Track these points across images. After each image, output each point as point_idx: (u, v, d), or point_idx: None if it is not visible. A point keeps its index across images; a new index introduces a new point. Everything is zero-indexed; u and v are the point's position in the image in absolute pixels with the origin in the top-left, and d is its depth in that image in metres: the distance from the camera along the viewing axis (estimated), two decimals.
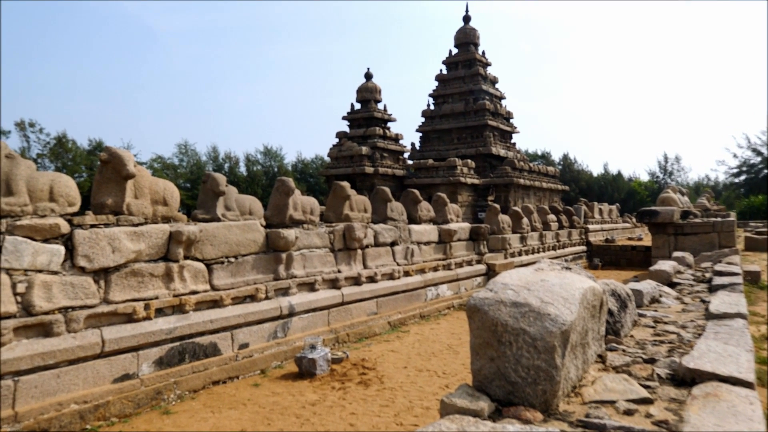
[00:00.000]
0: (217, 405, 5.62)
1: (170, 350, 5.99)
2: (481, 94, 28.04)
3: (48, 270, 5.12)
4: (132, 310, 5.69)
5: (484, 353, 2.29)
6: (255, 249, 7.31)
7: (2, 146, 5.07)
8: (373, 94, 28.19)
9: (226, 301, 6.73)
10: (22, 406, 4.72)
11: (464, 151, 27.10)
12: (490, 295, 2.37)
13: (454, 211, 12.91)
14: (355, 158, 25.67)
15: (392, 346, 8.13)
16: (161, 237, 6.13)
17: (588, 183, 58.11)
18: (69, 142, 43.48)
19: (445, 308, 11.09)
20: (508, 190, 25.12)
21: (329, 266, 8.56)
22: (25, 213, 5.09)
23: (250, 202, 7.84)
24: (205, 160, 52.57)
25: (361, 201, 9.96)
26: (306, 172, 56.84)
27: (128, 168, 5.79)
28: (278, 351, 7.16)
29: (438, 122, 28.86)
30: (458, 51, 29.70)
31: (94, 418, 5.09)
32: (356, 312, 8.88)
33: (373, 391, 5.97)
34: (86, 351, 5.21)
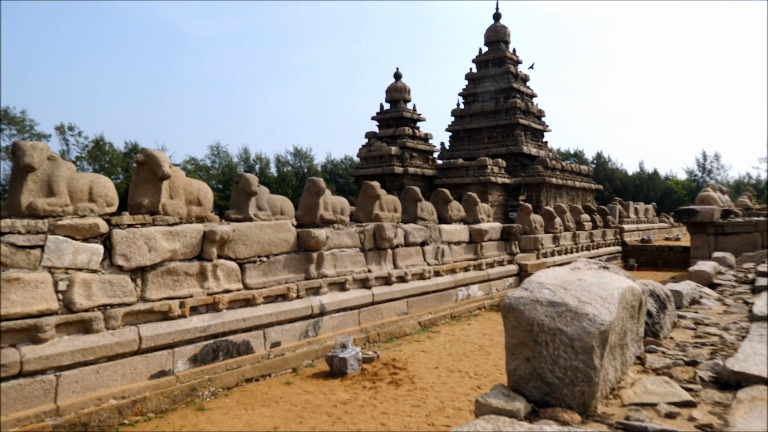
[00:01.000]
0: (250, 402, 5.68)
1: (204, 348, 6.09)
2: (511, 93, 27.73)
3: (88, 268, 5.26)
4: (168, 308, 5.80)
5: (520, 353, 2.25)
6: (286, 248, 7.38)
7: (44, 148, 5.24)
8: (402, 93, 28.15)
9: (259, 300, 6.81)
10: (64, 400, 4.87)
11: (495, 150, 26.83)
12: (526, 294, 2.33)
13: (485, 210, 12.80)
14: (385, 158, 25.68)
15: (423, 346, 8.09)
16: (195, 236, 6.24)
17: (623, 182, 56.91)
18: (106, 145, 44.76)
19: (476, 309, 11.00)
20: (539, 189, 24.77)
21: (359, 266, 8.58)
22: (66, 213, 5.24)
23: (282, 202, 7.92)
24: (237, 161, 53.42)
25: (391, 201, 9.95)
26: (335, 172, 57.17)
27: (164, 169, 5.91)
28: (309, 350, 7.21)
29: (468, 121, 28.65)
30: (488, 49, 29.43)
31: (132, 413, 5.21)
32: (387, 312, 8.88)
33: (404, 391, 5.95)
34: (124, 348, 5.34)
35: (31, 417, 4.59)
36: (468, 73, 29.44)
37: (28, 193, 5.09)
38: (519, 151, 26.20)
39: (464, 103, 29.45)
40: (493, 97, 28.13)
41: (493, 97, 28.15)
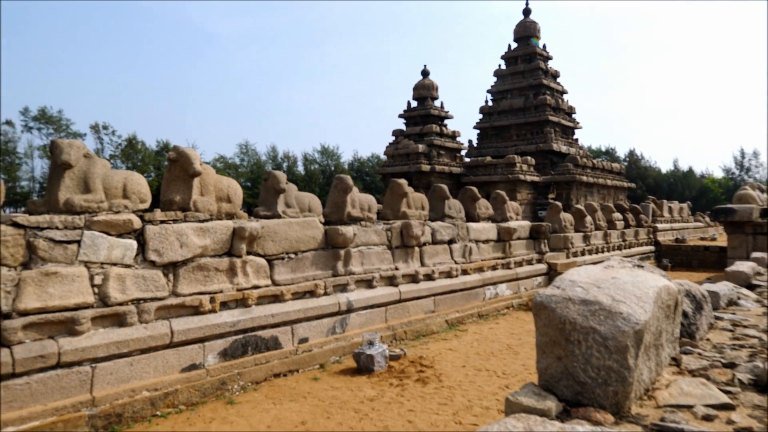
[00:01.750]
0: (279, 397, 5.74)
1: (234, 342, 6.17)
2: (541, 89, 27.36)
3: (122, 263, 5.39)
4: (198, 303, 5.90)
5: (551, 352, 2.21)
6: (314, 245, 7.43)
7: (81, 146, 5.38)
8: (429, 91, 28.04)
9: (287, 296, 6.87)
10: (99, 391, 5.00)
11: (524, 147, 26.52)
12: (557, 292, 2.29)
13: (514, 209, 12.66)
14: (412, 156, 25.63)
15: (450, 344, 8.06)
16: (225, 233, 6.32)
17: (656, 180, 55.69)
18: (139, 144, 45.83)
19: (504, 308, 10.90)
20: (570, 187, 24.40)
21: (387, 263, 8.59)
22: (101, 209, 5.37)
23: (310, 199, 7.97)
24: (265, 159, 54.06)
25: (419, 198, 9.92)
26: (362, 170, 57.35)
27: (195, 166, 6.01)
28: (336, 346, 7.24)
29: (496, 119, 28.38)
30: (518, 45, 29.09)
31: (164, 405, 5.32)
32: (413, 309, 8.86)
33: (431, 389, 5.94)
34: (157, 341, 5.45)
35: (68, 406, 4.72)
36: (497, 70, 29.16)
37: (66, 190, 5.23)
38: (549, 148, 25.85)
39: (493, 100, 29.18)
40: (523, 94, 27.80)
41: (523, 93, 27.82)
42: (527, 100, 27.19)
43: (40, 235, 4.85)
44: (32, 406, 4.58)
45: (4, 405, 4.43)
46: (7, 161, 41.07)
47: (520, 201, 22.91)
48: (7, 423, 4.37)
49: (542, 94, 27.06)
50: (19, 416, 4.44)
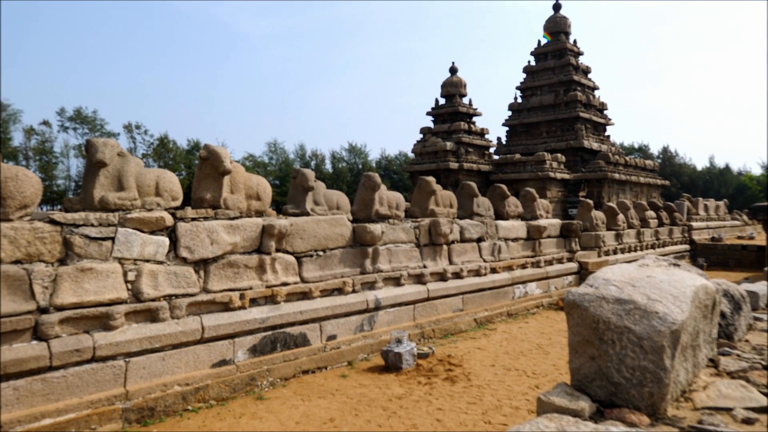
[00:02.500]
0: (307, 393, 5.78)
1: (263, 339, 6.23)
2: (572, 85, 26.91)
3: (154, 260, 5.49)
4: (228, 300, 5.98)
5: (584, 351, 2.16)
6: (342, 243, 7.45)
7: (115, 145, 5.49)
8: (457, 88, 27.86)
9: (315, 293, 6.90)
10: (132, 385, 5.10)
11: (553, 145, 26.13)
12: (591, 290, 2.24)
13: (544, 206, 12.48)
14: (440, 154, 25.50)
15: (479, 343, 7.99)
16: (255, 230, 6.39)
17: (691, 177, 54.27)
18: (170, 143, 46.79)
19: (533, 307, 10.75)
20: (601, 185, 23.94)
21: (414, 261, 8.56)
22: (134, 207, 5.48)
23: (338, 197, 7.99)
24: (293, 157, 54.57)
25: (447, 196, 9.86)
26: (390, 168, 57.38)
27: (225, 164, 6.09)
28: (364, 344, 7.25)
29: (525, 115, 28.02)
30: (548, 41, 28.65)
31: (195, 399, 5.40)
32: (441, 308, 8.81)
33: (459, 388, 5.89)
34: (188, 336, 5.54)
35: (102, 400, 4.84)
36: (526, 66, 28.79)
37: (100, 188, 5.36)
38: (579, 145, 25.41)
39: (522, 96, 28.82)
40: (553, 90, 27.38)
41: (553, 90, 27.40)
42: (557, 96, 26.77)
43: (76, 232, 4.98)
44: (68, 398, 4.70)
45: (41, 397, 4.56)
46: (44, 160, 42.38)
47: (550, 199, 22.58)
48: (44, 414, 4.50)
49: (573, 90, 26.61)
50: (56, 408, 4.56)
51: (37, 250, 4.73)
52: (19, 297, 4.57)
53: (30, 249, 4.69)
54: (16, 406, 4.43)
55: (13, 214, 4.66)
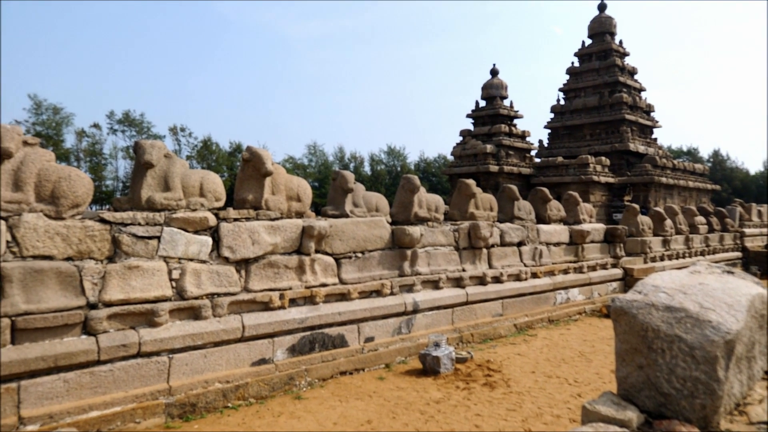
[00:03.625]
0: (345, 394, 5.79)
1: (302, 339, 6.29)
2: (617, 87, 26.23)
3: (198, 259, 5.61)
4: (268, 299, 6.05)
5: (632, 360, 2.08)
6: (381, 245, 7.45)
7: (162, 147, 5.65)
8: (498, 90, 27.55)
9: (353, 294, 6.92)
10: (175, 381, 5.22)
11: (597, 147, 25.52)
12: (639, 297, 2.16)
13: (587, 211, 12.18)
14: (479, 156, 25.25)
15: (518, 349, 7.85)
16: (295, 231, 6.45)
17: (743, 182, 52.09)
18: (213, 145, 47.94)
19: (575, 313, 10.50)
20: (647, 189, 23.23)
21: (453, 265, 8.48)
22: (179, 207, 5.62)
23: (377, 199, 8.00)
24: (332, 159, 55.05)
25: (487, 199, 9.74)
26: (428, 171, 57.21)
27: (267, 166, 6.17)
28: (402, 346, 7.22)
29: (568, 118, 27.47)
30: (592, 41, 28.04)
31: (235, 397, 5.49)
32: (480, 312, 8.70)
33: (498, 394, 5.80)
34: (229, 335, 5.64)
35: (146, 394, 4.97)
36: (569, 68, 28.24)
37: (147, 188, 5.51)
38: (625, 148, 24.73)
39: (565, 98, 28.28)
40: (597, 92, 26.75)
41: (597, 91, 26.78)
42: (602, 98, 26.14)
43: (124, 230, 5.14)
44: (115, 392, 4.85)
45: (89, 390, 4.72)
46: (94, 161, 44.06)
47: (593, 203, 22.04)
48: (92, 407, 4.65)
49: (618, 92, 25.93)
50: (102, 401, 4.71)
51: (87, 248, 4.90)
52: (70, 293, 4.75)
53: (81, 247, 4.86)
54: (66, 397, 4.60)
55: (65, 212, 4.84)
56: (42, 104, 41.23)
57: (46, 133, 40.20)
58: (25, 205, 4.65)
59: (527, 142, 26.97)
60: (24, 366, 4.37)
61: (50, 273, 4.64)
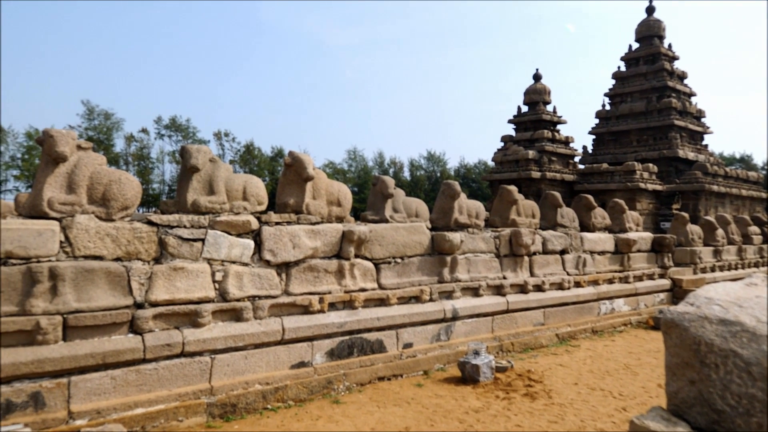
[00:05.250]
0: (383, 400, 5.77)
1: (340, 343, 6.31)
2: (666, 92, 25.42)
3: (240, 261, 5.71)
4: (308, 303, 6.10)
5: (683, 374, 2.00)
6: (420, 251, 7.41)
7: (207, 151, 5.79)
8: (541, 95, 27.10)
9: (392, 300, 6.91)
10: (216, 381, 5.32)
11: (644, 154, 24.76)
12: (691, 309, 2.06)
13: (634, 219, 11.82)
14: (521, 162, 24.87)
15: (561, 360, 7.66)
16: (335, 236, 6.49)
17: None
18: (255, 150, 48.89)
19: (620, 324, 10.18)
20: (697, 197, 22.39)
21: (494, 272, 8.36)
22: (223, 210, 5.74)
23: (417, 204, 7.97)
24: (372, 165, 55.26)
25: (529, 206, 9.58)
26: (468, 176, 56.75)
27: (308, 171, 6.24)
28: (441, 354, 7.16)
29: (614, 123, 26.77)
30: (639, 45, 27.28)
31: (274, 399, 5.55)
32: (521, 321, 8.54)
33: (540, 405, 5.66)
34: (269, 337, 5.71)
35: (189, 393, 5.08)
36: (615, 72, 27.55)
37: (193, 192, 5.66)
38: (673, 155, 23.91)
39: (610, 103, 27.58)
40: (644, 97, 25.99)
41: (644, 96, 26.01)
42: (650, 103, 25.37)
43: (170, 232, 5.28)
44: (159, 390, 4.97)
45: (135, 387, 4.86)
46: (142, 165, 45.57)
47: (640, 211, 21.39)
48: (137, 404, 4.78)
49: (667, 97, 25.13)
50: (147, 398, 4.84)
51: (135, 249, 5.06)
52: (119, 292, 4.90)
53: (129, 248, 5.02)
54: (113, 394, 4.74)
55: (115, 214, 5.01)
56: (94, 110, 43.02)
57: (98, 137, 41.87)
58: (77, 207, 4.83)
59: (571, 148, 26.42)
60: (74, 362, 4.54)
61: (100, 273, 4.80)
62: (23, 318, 4.41)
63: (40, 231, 4.57)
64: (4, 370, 4.23)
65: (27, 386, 4.34)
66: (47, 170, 4.80)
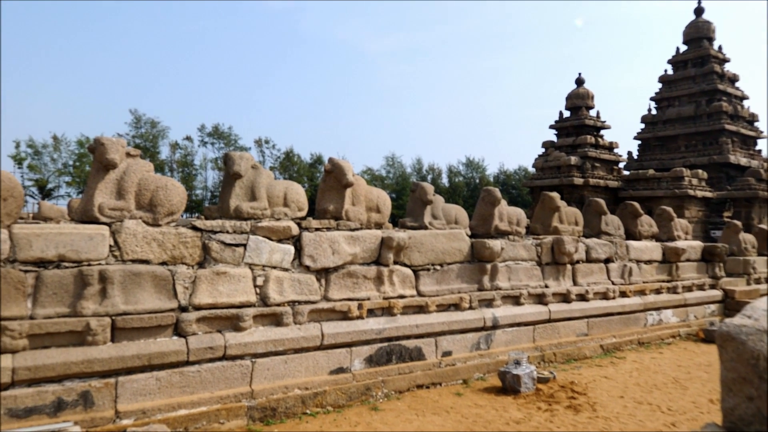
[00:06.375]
0: (421, 408, 5.72)
1: (379, 350, 6.29)
2: (716, 95, 24.51)
3: (280, 267, 5.78)
4: (347, 309, 6.12)
5: (740, 390, 1.90)
6: (460, 258, 7.34)
7: (250, 158, 5.89)
8: (584, 100, 26.56)
9: (431, 307, 6.85)
10: (257, 384, 5.38)
11: (693, 160, 23.91)
12: (749, 322, 1.96)
13: (682, 227, 11.41)
14: (563, 168, 24.39)
15: (605, 372, 7.44)
16: (374, 242, 6.50)
17: None
18: (295, 156, 49.56)
19: (668, 336, 9.82)
20: (750, 204, 21.47)
21: (535, 280, 8.20)
22: (264, 216, 5.82)
23: (456, 211, 7.91)
24: (410, 171, 55.19)
25: (572, 213, 9.37)
26: (508, 183, 56.03)
27: (348, 177, 6.27)
28: (480, 363, 7.05)
29: (661, 128, 25.98)
30: (688, 48, 26.42)
31: (313, 404, 5.57)
32: (564, 331, 8.34)
33: (584, 418, 5.50)
34: (309, 342, 5.74)
35: (230, 396, 5.15)
36: (662, 76, 26.75)
37: (235, 198, 5.76)
38: (724, 160, 23.00)
39: (657, 108, 26.79)
40: (693, 101, 25.13)
41: (693, 100, 25.15)
42: (698, 107, 24.53)
43: (213, 238, 5.39)
44: (201, 392, 5.07)
45: (178, 389, 4.96)
46: (186, 172, 46.84)
47: (688, 219, 20.65)
48: (180, 405, 4.88)
49: (717, 101, 24.23)
50: (190, 400, 4.94)
51: (180, 254, 5.18)
52: (164, 295, 5.03)
53: (175, 252, 5.15)
54: (157, 395, 4.86)
55: (162, 219, 5.15)
56: (141, 118, 44.51)
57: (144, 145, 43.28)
58: (126, 212, 4.99)
59: (615, 154, 25.76)
60: (121, 363, 4.67)
61: (147, 276, 4.94)
62: (74, 319, 4.57)
63: (91, 235, 4.73)
64: (55, 369, 4.39)
65: (77, 385, 4.50)
66: (98, 177, 4.97)
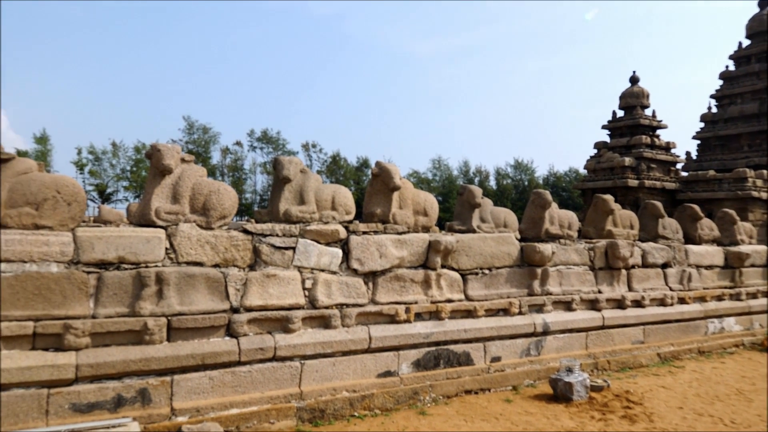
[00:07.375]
0: (470, 414, 5.64)
1: (426, 354, 6.25)
2: None
3: (328, 270, 5.83)
4: (394, 312, 6.11)
5: None
6: (509, 262, 7.21)
7: (298, 162, 5.97)
8: (639, 99, 25.65)
9: (480, 312, 6.76)
10: (306, 386, 5.44)
11: (757, 160, 22.72)
12: None
13: (746, 231, 10.85)
14: (617, 170, 23.62)
15: (663, 381, 7.13)
16: (421, 245, 6.46)
17: None
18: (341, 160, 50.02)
19: (731, 345, 9.34)
20: None
21: (588, 285, 7.96)
22: (312, 219, 5.89)
23: (505, 214, 7.78)
24: (457, 174, 54.70)
25: (627, 216, 9.05)
26: (558, 185, 54.71)
27: (395, 180, 6.27)
28: (530, 369, 6.90)
29: (721, 127, 24.81)
30: (751, 42, 25.14)
31: (361, 407, 5.58)
32: (618, 338, 8.06)
33: (640, 429, 5.29)
34: (356, 345, 5.76)
35: (280, 397, 5.23)
36: (723, 72, 25.56)
37: (285, 201, 5.85)
38: None
39: (717, 106, 25.60)
40: (757, 98, 23.89)
41: (757, 97, 23.91)
42: (763, 104, 23.29)
43: (263, 241, 5.49)
44: (252, 392, 5.16)
45: (230, 388, 5.07)
46: (236, 176, 48.00)
47: (752, 222, 19.60)
48: (232, 404, 4.98)
49: None
50: (241, 400, 5.03)
51: (232, 256, 5.30)
52: (217, 297, 5.16)
53: (227, 255, 5.27)
54: (210, 394, 4.98)
55: (214, 223, 5.29)
56: (194, 125, 45.93)
57: (197, 150, 44.62)
58: (181, 216, 5.15)
59: (672, 155, 24.75)
60: (177, 362, 4.81)
61: (200, 278, 5.07)
62: (132, 319, 4.74)
63: (149, 238, 4.90)
64: (115, 366, 4.56)
65: (135, 382, 4.66)
66: (155, 182, 5.15)
